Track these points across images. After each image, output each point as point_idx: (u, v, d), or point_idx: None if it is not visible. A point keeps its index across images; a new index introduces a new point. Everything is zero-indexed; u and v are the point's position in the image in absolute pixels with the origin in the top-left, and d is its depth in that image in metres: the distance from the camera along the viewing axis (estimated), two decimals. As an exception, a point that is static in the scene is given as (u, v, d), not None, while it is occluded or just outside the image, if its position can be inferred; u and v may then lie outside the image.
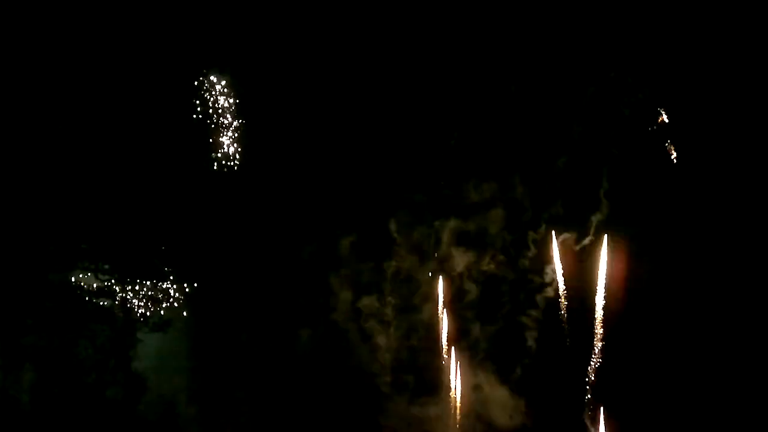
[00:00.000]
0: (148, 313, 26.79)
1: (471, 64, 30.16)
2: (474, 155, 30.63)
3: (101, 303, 26.41)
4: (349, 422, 30.04)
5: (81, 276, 26.33)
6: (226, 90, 29.11)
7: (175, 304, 27.17)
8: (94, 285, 26.41)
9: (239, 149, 29.30)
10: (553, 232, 29.38)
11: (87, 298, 26.21)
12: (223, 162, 29.02)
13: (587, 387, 29.09)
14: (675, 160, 27.52)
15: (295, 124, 31.63)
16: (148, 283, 26.99)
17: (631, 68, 27.85)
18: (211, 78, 28.80)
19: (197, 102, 28.56)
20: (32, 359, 25.50)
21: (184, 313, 27.34)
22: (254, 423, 28.86)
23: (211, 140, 28.91)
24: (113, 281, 26.63)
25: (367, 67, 31.17)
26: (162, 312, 26.98)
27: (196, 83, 28.54)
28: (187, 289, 27.47)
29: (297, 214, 31.52)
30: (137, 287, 26.85)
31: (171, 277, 27.34)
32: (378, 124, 31.56)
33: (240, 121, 29.38)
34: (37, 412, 25.45)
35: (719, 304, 26.88)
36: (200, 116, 28.65)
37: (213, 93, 28.92)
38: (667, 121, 27.31)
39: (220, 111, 29.02)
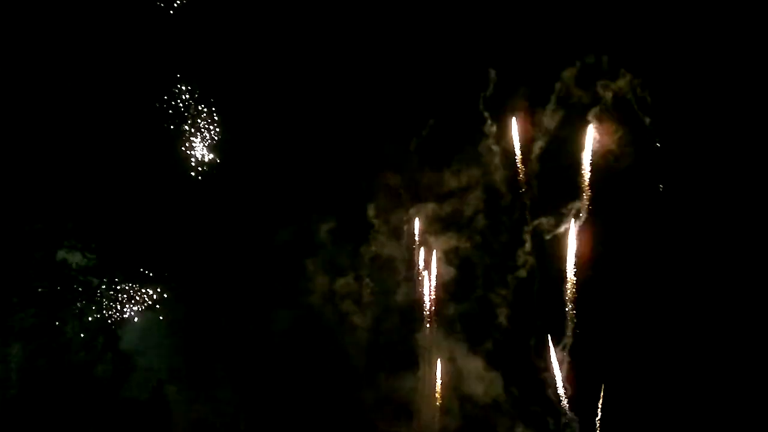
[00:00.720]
0: (135, 292, 26.95)
1: (448, 50, 30.97)
2: (451, 140, 31.53)
3: (88, 281, 26.45)
4: (329, 399, 30.69)
5: (68, 254, 26.36)
6: (202, 76, 29.44)
7: (162, 283, 27.43)
8: (81, 263, 26.44)
9: (219, 136, 29.63)
10: (528, 217, 30.52)
11: (74, 277, 26.22)
12: (204, 146, 29.32)
13: (558, 364, 30.36)
14: (656, 149, 28.59)
15: (273, 111, 32.07)
16: (136, 261, 27.18)
17: (608, 51, 28.79)
18: (187, 66, 29.10)
19: (175, 89, 28.80)
20: (19, 338, 25.45)
21: (171, 293, 27.61)
22: (237, 401, 29.30)
23: (191, 124, 29.16)
24: (100, 259, 26.72)
25: (343, 52, 31.74)
26: (150, 290, 27.19)
27: (171, 76, 28.81)
28: (172, 269, 27.79)
29: (276, 199, 31.99)
30: (124, 266, 27.00)
31: (157, 257, 27.60)
32: (355, 110, 32.20)
33: (219, 108, 29.73)
34: (25, 391, 25.43)
35: (688, 282, 28.25)
36: (179, 101, 28.89)
37: (189, 80, 29.19)
38: (648, 107, 28.33)
39: (198, 96, 29.32)
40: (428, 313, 31.81)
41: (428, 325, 31.81)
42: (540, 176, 29.97)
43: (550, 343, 30.35)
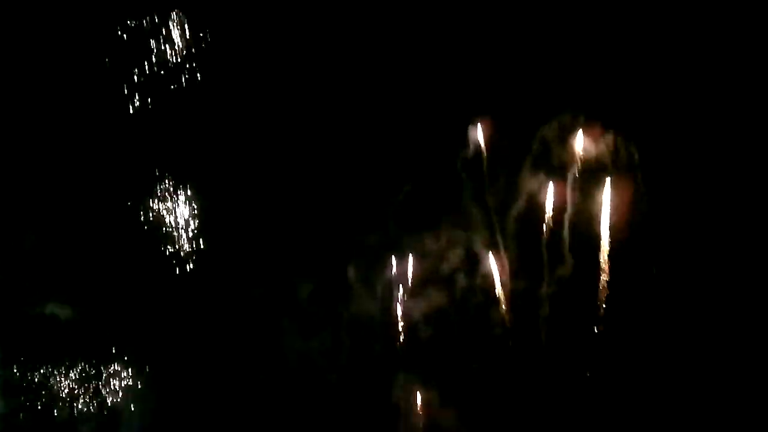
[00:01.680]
0: (122, 349, 26.80)
1: (426, 109, 32.15)
2: (429, 201, 32.64)
3: (76, 336, 26.21)
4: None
5: (56, 308, 26.13)
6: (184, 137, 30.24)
7: (150, 341, 27.39)
8: (70, 317, 26.21)
9: (200, 197, 30.30)
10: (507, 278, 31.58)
11: (62, 332, 25.96)
12: (187, 205, 29.89)
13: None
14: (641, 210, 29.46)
15: (252, 168, 32.81)
16: (122, 318, 27.12)
17: (586, 109, 29.33)
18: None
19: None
20: (4, 391, 24.84)
21: (159, 351, 27.56)
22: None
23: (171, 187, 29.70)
24: (89, 313, 26.56)
25: (318, 108, 32.78)
26: (137, 348, 27.08)
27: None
28: (160, 327, 27.81)
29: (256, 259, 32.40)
30: (111, 322, 26.89)
31: (145, 315, 27.64)
32: (334, 169, 33.17)
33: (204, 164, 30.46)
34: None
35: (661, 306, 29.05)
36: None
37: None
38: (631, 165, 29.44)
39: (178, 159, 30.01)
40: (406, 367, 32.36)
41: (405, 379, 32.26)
42: (519, 237, 31.23)
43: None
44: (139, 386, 27.25)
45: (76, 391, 25.87)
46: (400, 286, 33.23)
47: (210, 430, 29.18)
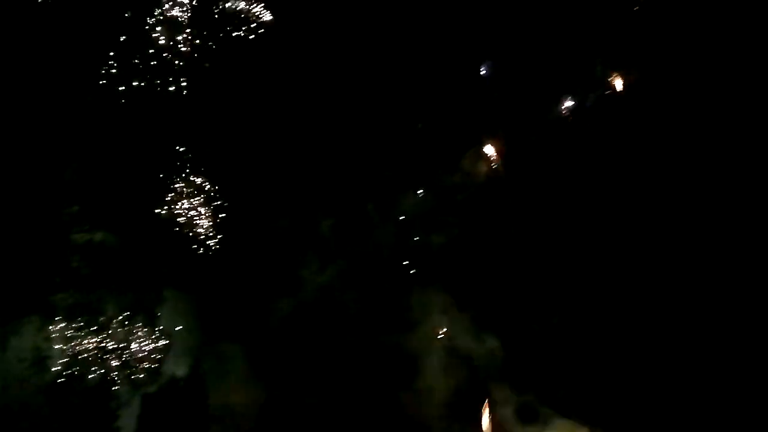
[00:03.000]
0: (171, 272, 27.72)
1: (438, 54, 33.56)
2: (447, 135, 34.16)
3: (126, 262, 27.00)
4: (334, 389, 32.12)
5: (105, 236, 26.84)
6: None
7: (196, 264, 28.35)
8: (119, 244, 26.98)
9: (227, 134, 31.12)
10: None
11: (112, 257, 26.74)
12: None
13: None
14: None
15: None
16: (173, 242, 27.99)
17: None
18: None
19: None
20: (62, 316, 25.66)
21: (205, 273, 28.59)
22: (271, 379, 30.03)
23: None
24: (137, 241, 27.35)
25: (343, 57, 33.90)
26: (184, 271, 28.02)
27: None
28: (205, 251, 28.71)
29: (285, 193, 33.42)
30: (160, 246, 27.74)
31: (189, 240, 28.51)
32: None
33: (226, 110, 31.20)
34: (67, 368, 25.57)
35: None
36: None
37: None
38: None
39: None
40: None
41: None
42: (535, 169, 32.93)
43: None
44: (185, 309, 28.24)
45: (128, 315, 26.78)
46: (417, 219, 35.00)
47: (243, 351, 30.13)
